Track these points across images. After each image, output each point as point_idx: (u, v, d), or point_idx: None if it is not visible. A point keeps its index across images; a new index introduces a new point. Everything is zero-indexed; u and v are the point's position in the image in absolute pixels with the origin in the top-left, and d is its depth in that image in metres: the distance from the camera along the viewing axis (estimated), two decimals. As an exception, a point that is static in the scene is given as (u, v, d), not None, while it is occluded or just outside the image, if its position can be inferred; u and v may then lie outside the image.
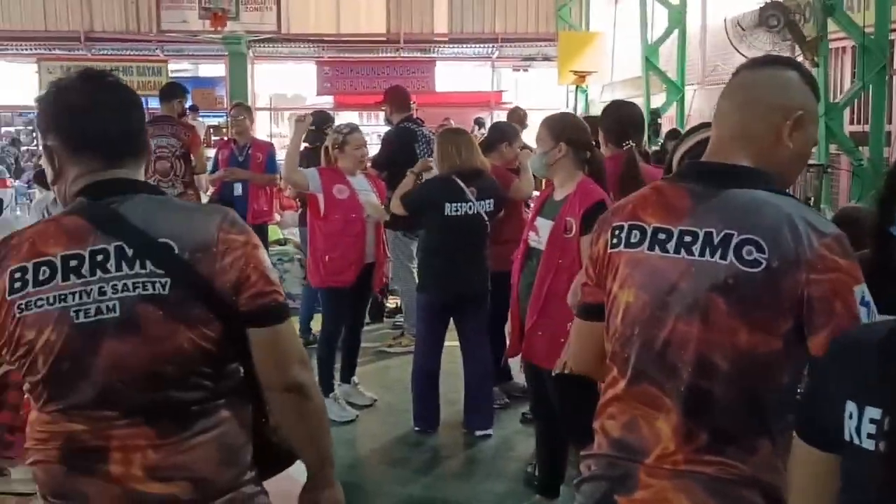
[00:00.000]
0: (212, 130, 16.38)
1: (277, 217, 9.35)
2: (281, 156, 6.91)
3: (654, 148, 9.11)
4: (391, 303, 7.73)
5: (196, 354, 1.61)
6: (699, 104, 12.23)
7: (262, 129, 19.27)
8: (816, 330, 1.54)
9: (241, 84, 16.84)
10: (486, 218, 4.76)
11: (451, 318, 4.95)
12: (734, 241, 1.57)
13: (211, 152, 8.52)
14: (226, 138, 8.96)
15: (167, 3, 15.90)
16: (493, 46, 17.76)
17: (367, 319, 7.06)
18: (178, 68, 19.49)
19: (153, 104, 18.93)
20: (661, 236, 1.63)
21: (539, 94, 18.39)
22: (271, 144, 7.89)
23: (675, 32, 12.10)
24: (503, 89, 19.72)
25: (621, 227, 1.69)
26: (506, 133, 5.68)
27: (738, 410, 1.59)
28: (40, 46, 17.02)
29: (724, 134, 1.72)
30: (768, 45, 6.97)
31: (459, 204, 4.68)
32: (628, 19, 14.43)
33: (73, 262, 1.57)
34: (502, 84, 20.28)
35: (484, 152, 5.14)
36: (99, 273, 1.57)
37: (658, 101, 12.54)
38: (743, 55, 8.09)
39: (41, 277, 1.56)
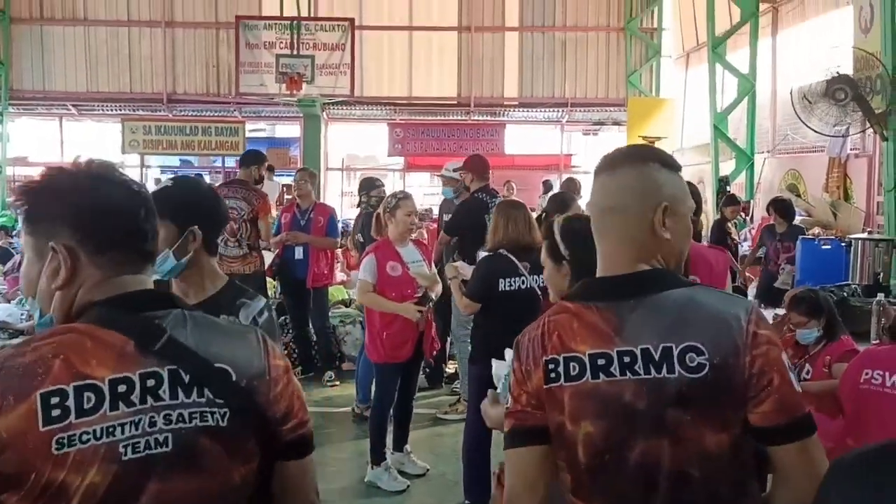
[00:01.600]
0: (285, 189, 16.81)
1: (343, 276, 9.47)
2: (349, 215, 7.03)
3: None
4: (450, 367, 7.71)
5: (243, 491, 1.45)
6: (769, 172, 12.05)
7: (334, 188, 19.76)
8: (759, 402, 1.55)
9: (314, 144, 17.30)
10: (540, 293, 4.74)
11: (504, 391, 4.91)
12: (675, 352, 1.57)
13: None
14: (292, 201, 9.18)
15: (246, 67, 16.52)
16: (563, 110, 17.91)
17: (425, 384, 7.15)
18: (255, 128, 20.17)
19: (229, 163, 19.67)
20: (601, 362, 1.60)
21: (609, 157, 18.40)
22: (332, 209, 8.01)
23: (745, 100, 12.02)
24: (572, 153, 19.79)
25: (556, 361, 1.63)
26: (565, 204, 5.66)
27: None
28: (125, 107, 17.82)
29: (611, 244, 1.71)
30: (835, 118, 6.87)
31: (513, 279, 4.69)
32: (698, 86, 14.40)
33: (121, 388, 1.33)
34: (572, 147, 20.37)
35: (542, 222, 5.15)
36: (150, 401, 1.35)
37: (727, 167, 12.41)
38: (811, 129, 8.00)
39: (86, 406, 1.30)
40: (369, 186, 7.46)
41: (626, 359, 1.59)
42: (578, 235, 2.54)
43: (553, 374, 1.63)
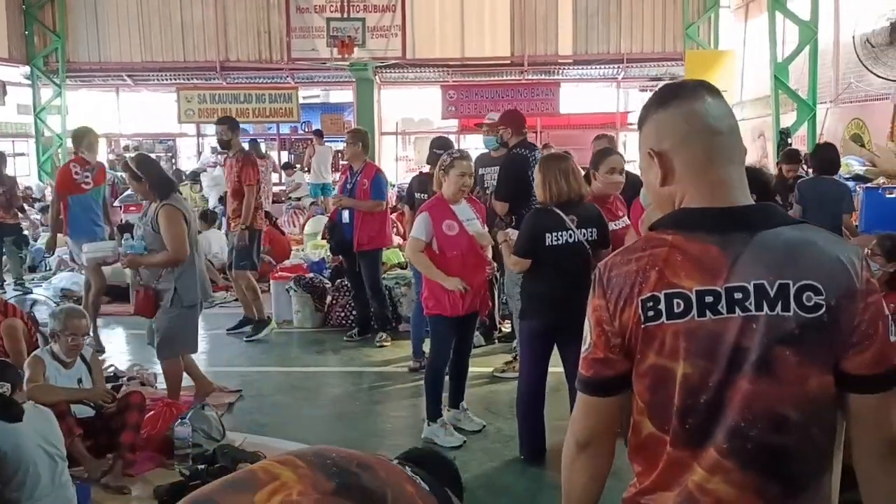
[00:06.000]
0: (340, 155, 16.87)
1: (399, 240, 9.45)
2: (404, 180, 6.96)
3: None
4: (506, 326, 7.69)
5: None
6: (832, 122, 11.64)
7: (388, 152, 19.74)
8: (861, 351, 1.53)
9: (368, 109, 17.30)
10: (589, 246, 4.64)
11: (556, 345, 4.86)
12: (792, 290, 1.51)
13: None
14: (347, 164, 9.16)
15: (297, 32, 16.54)
16: (619, 67, 17.54)
17: (480, 342, 7.13)
18: (309, 94, 20.22)
19: (284, 129, 19.77)
20: (709, 299, 1.53)
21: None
22: (378, 170, 7.82)
23: (807, 49, 11.59)
24: (629, 110, 19.40)
25: (656, 299, 1.56)
26: (605, 155, 5.44)
27: (807, 457, 1.55)
28: (179, 76, 18.01)
29: (721, 172, 1.61)
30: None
31: (559, 233, 4.61)
32: (758, 36, 13.95)
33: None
34: (629, 104, 19.97)
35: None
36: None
37: (788, 119, 12.03)
38: (877, 75, 7.64)
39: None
40: (444, 146, 7.23)
41: (738, 295, 1.53)
42: None
43: (652, 313, 1.56)
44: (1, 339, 5.27)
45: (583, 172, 5.02)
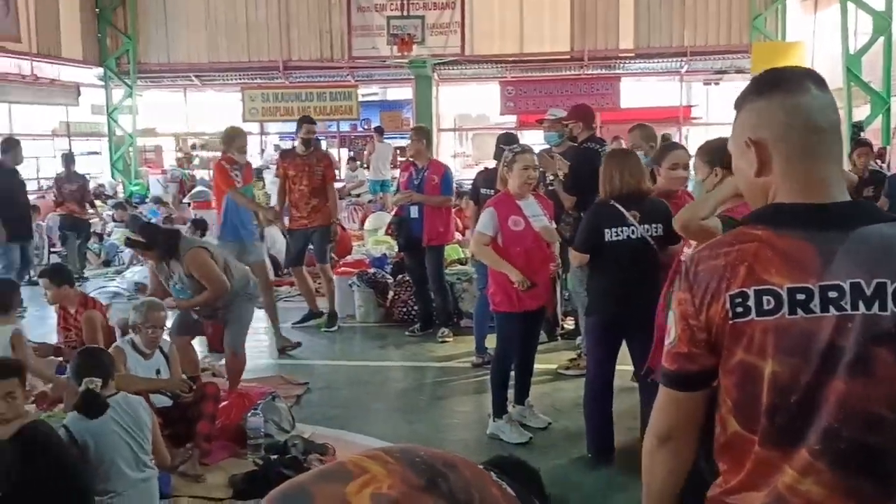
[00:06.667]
0: (398, 151, 16.99)
1: (459, 237, 9.51)
2: (461, 176, 6.98)
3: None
4: (568, 323, 7.66)
5: None
6: (908, 115, 11.30)
7: (446, 149, 19.80)
8: None
9: (426, 105, 17.36)
10: (653, 242, 4.58)
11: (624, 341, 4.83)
12: (889, 289, 1.48)
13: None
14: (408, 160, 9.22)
15: (358, 31, 16.70)
16: (682, 60, 17.28)
17: (543, 338, 7.11)
18: (367, 92, 20.39)
19: (344, 127, 19.96)
20: (801, 297, 1.51)
21: (732, 108, 17.69)
22: (447, 167, 8.00)
23: (880, 40, 11.27)
24: (693, 104, 19.10)
25: (744, 295, 1.54)
26: (668, 151, 5.36)
27: None
28: (244, 76, 18.34)
29: (818, 168, 1.58)
30: None
31: (620, 229, 4.57)
32: (828, 27, 13.61)
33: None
34: (692, 98, 19.66)
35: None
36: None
37: (861, 113, 11.72)
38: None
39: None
40: (510, 141, 7.21)
41: (832, 294, 1.50)
42: None
43: (740, 309, 1.54)
44: (80, 331, 5.46)
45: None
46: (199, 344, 6.21)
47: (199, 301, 5.36)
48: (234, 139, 7.44)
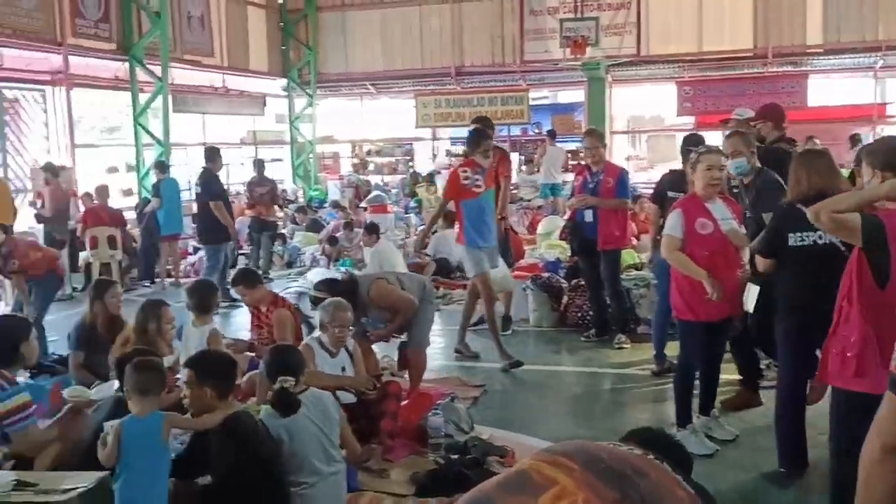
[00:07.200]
0: (570, 155, 16.83)
1: (634, 241, 9.29)
2: (635, 179, 6.78)
3: None
4: (753, 332, 7.30)
5: None
6: None
7: (619, 151, 19.43)
8: None
9: (598, 108, 17.13)
10: (844, 248, 4.23)
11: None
12: None
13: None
14: (582, 164, 9.08)
15: (530, 35, 16.71)
16: (876, 55, 16.11)
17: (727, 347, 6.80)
18: (538, 96, 20.35)
19: (514, 131, 20.05)
20: None
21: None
22: (623, 170, 7.82)
23: None
24: (888, 101, 17.76)
25: None
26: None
27: None
28: (417, 83, 18.79)
29: None
30: None
31: (805, 233, 4.26)
32: None
33: None
34: (887, 96, 18.28)
35: None
36: None
37: None
38: None
39: None
40: (697, 143, 6.81)
41: None
42: None
43: None
44: (271, 328, 5.73)
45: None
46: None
47: (395, 327, 5.65)
48: (478, 143, 6.96)
